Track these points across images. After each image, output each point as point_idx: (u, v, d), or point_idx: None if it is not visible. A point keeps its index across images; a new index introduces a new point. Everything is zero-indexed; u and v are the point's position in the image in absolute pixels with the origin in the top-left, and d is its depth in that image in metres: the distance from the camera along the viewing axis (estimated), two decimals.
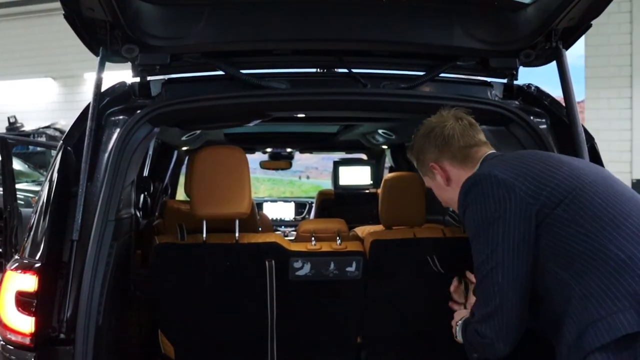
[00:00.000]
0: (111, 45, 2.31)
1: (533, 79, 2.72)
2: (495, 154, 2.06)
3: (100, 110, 2.30)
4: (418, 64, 2.61)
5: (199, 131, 3.73)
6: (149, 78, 2.46)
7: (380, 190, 3.22)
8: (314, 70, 2.61)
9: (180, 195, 5.23)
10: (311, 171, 16.66)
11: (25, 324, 2.05)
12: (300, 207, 6.31)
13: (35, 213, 2.26)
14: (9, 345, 2.08)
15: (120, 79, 2.49)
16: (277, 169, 6.62)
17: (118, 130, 2.29)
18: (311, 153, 7.05)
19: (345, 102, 2.58)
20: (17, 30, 11.98)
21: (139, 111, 2.33)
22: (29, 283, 2.06)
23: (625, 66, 8.92)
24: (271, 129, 4.95)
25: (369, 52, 2.60)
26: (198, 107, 2.45)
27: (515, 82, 2.62)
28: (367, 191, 5.15)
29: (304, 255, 2.80)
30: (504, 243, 1.78)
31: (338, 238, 2.88)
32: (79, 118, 2.34)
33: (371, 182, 5.11)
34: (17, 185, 4.45)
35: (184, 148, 4.58)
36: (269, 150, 5.93)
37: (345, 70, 2.54)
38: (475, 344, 1.88)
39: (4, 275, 2.16)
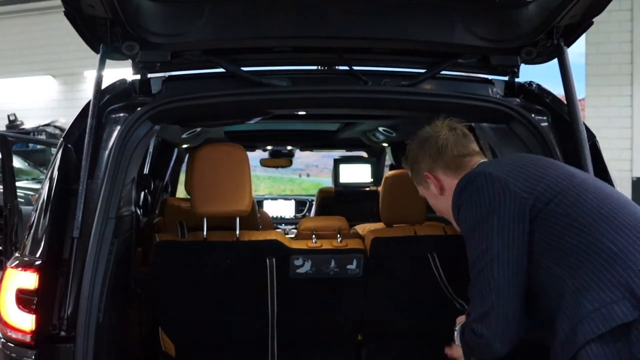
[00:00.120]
0: (111, 43, 2.30)
1: (534, 77, 2.71)
2: (489, 161, 2.09)
3: (101, 107, 2.30)
4: (419, 61, 2.61)
5: (199, 129, 3.73)
6: (149, 75, 2.46)
7: (380, 188, 3.21)
8: (314, 67, 2.60)
9: (180, 193, 5.22)
10: (311, 169, 16.66)
11: (25, 322, 2.05)
12: (300, 205, 6.30)
13: (36, 211, 2.25)
14: (9, 343, 2.08)
15: (120, 76, 2.49)
16: (278, 167, 6.60)
17: (118, 127, 2.29)
18: (311, 151, 7.03)
19: (346, 100, 2.58)
20: (17, 28, 11.99)
21: (139, 109, 2.33)
22: (30, 281, 2.06)
23: (625, 64, 8.92)
24: (272, 127, 4.94)
25: (369, 50, 2.60)
26: (198, 105, 2.44)
27: (517, 80, 2.61)
28: (368, 189, 5.14)
29: (305, 253, 2.80)
30: (499, 238, 1.78)
31: (339, 236, 2.88)
32: (79, 115, 2.34)
33: (372, 180, 5.10)
34: (17, 183, 4.44)
35: (185, 146, 4.57)
36: (269, 148, 5.93)
37: (346, 67, 2.54)
38: (472, 345, 1.87)
39: (4, 272, 2.16)
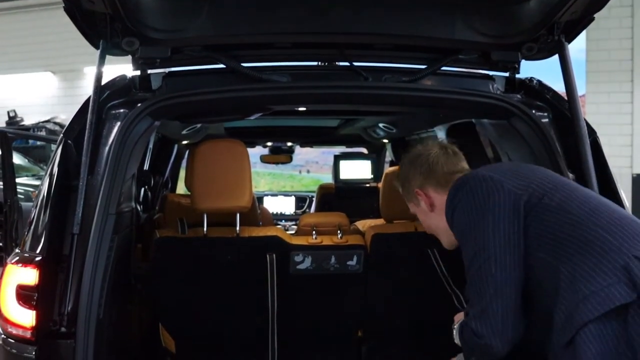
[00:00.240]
0: (111, 38, 2.29)
1: (535, 73, 2.71)
2: (480, 168, 2.12)
3: (101, 103, 2.29)
4: (420, 57, 2.60)
5: (199, 125, 3.72)
6: (149, 71, 2.45)
7: (381, 184, 3.21)
8: (315, 63, 2.59)
9: (180, 190, 5.22)
10: (311, 165, 16.63)
11: (26, 318, 2.04)
12: (300, 201, 6.30)
13: (36, 207, 2.25)
14: (10, 339, 2.08)
15: (120, 72, 2.48)
16: (278, 163, 6.61)
17: (118, 123, 2.28)
18: (312, 147, 7.03)
19: (347, 96, 2.57)
20: (17, 24, 11.97)
21: (139, 104, 2.32)
22: (30, 277, 2.06)
23: (626, 60, 8.91)
24: (272, 123, 4.94)
25: (370, 45, 2.59)
26: (199, 101, 2.44)
27: (517, 76, 2.60)
28: (368, 185, 5.14)
29: (305, 249, 2.80)
30: (494, 235, 1.80)
31: (339, 232, 2.88)
32: (79, 111, 2.33)
33: (372, 176, 5.10)
34: (17, 180, 4.44)
35: (185, 142, 4.57)
36: (269, 144, 5.93)
37: (346, 63, 2.53)
38: (472, 345, 1.87)
39: (4, 268, 2.16)
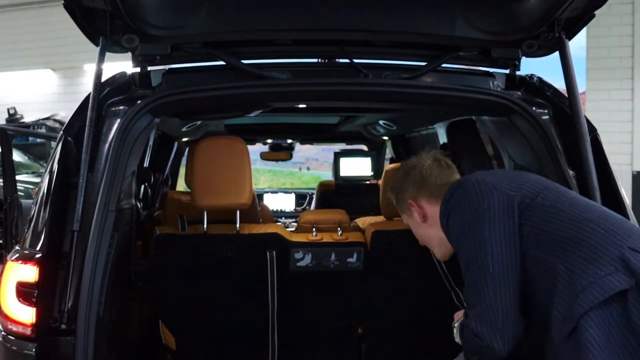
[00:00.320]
0: (111, 35, 2.29)
1: (535, 70, 2.70)
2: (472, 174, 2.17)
3: (101, 100, 2.29)
4: (420, 54, 2.60)
5: (199, 122, 3.72)
6: (149, 68, 2.45)
7: (381, 182, 3.21)
8: (315, 60, 2.59)
9: (180, 187, 5.22)
10: (311, 162, 16.64)
11: (26, 315, 2.05)
12: (300, 199, 6.30)
13: (36, 204, 2.25)
14: (10, 336, 2.08)
15: (120, 69, 2.48)
16: (278, 160, 6.61)
17: (118, 120, 2.28)
18: (312, 144, 7.04)
19: (347, 93, 2.57)
20: (17, 22, 11.96)
21: (139, 101, 2.32)
22: (30, 274, 2.06)
23: (626, 57, 8.90)
24: (272, 120, 4.94)
25: (370, 42, 2.59)
26: (199, 98, 2.44)
27: (518, 73, 2.60)
28: (368, 182, 5.14)
29: (305, 246, 2.80)
30: (491, 235, 1.82)
31: (339, 229, 2.88)
32: (79, 108, 2.33)
33: (372, 173, 5.11)
34: (17, 177, 4.44)
35: (185, 139, 4.57)
36: (269, 141, 5.93)
37: (346, 60, 2.53)
38: (473, 346, 1.87)
39: (4, 266, 2.16)
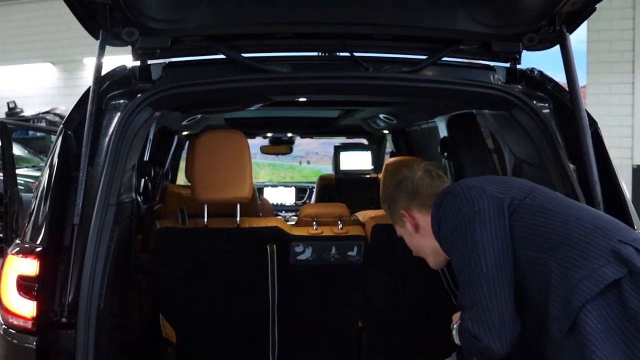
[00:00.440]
0: (111, 29, 2.29)
1: (536, 64, 2.70)
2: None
3: (101, 94, 2.29)
4: (420, 47, 2.59)
5: (199, 115, 3.72)
6: (149, 62, 2.44)
7: (381, 175, 3.21)
8: (315, 53, 2.58)
9: (180, 180, 5.22)
10: (311, 156, 16.60)
11: (26, 308, 2.05)
12: (300, 192, 6.31)
13: (36, 198, 2.25)
14: (10, 329, 2.08)
15: (120, 63, 2.47)
16: (278, 154, 6.61)
17: (119, 114, 2.28)
18: (312, 138, 7.03)
19: (347, 86, 2.57)
20: (17, 15, 11.95)
21: (139, 95, 2.31)
22: (30, 267, 2.06)
23: (627, 51, 8.89)
24: (272, 114, 4.93)
25: (371, 36, 2.58)
26: (199, 91, 2.43)
27: (519, 67, 2.60)
28: (368, 176, 5.14)
29: (306, 240, 2.80)
30: (483, 237, 1.84)
31: (339, 222, 2.88)
32: (79, 102, 2.33)
33: (372, 167, 5.11)
34: (17, 171, 4.44)
35: (185, 133, 4.57)
36: (269, 135, 5.92)
37: (347, 53, 2.52)
38: (471, 348, 1.87)
39: (5, 259, 2.16)
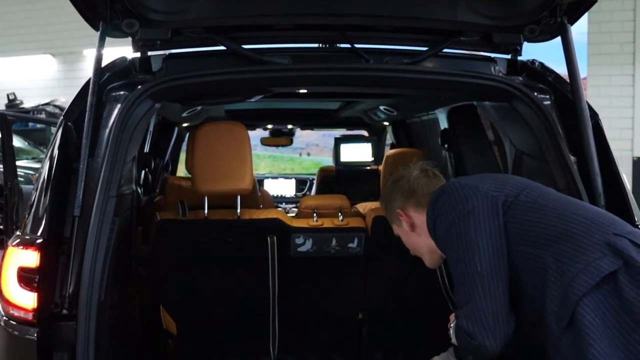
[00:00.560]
0: (111, 20, 2.28)
1: (537, 55, 2.69)
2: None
3: (101, 85, 2.28)
4: (421, 39, 2.58)
5: (199, 107, 3.71)
6: (149, 53, 2.43)
7: (381, 167, 3.21)
8: (316, 45, 2.58)
9: (181, 172, 5.22)
10: (312, 148, 16.61)
11: (27, 300, 2.05)
12: (301, 184, 6.31)
13: (36, 190, 2.25)
14: (11, 321, 2.08)
15: (120, 55, 2.47)
16: (278, 146, 6.62)
17: (119, 105, 2.27)
18: (312, 130, 7.03)
19: (348, 78, 2.56)
20: (17, 7, 11.92)
21: (139, 87, 2.31)
22: (31, 259, 2.06)
23: (628, 43, 8.86)
24: (272, 106, 4.93)
25: (371, 27, 2.57)
26: (199, 83, 2.43)
27: (519, 58, 2.59)
28: (369, 168, 5.14)
29: (306, 231, 2.80)
30: (477, 234, 1.85)
31: (340, 214, 2.88)
32: (79, 94, 2.32)
33: (372, 159, 5.11)
34: (17, 162, 4.43)
35: (185, 124, 4.56)
36: (270, 126, 5.92)
37: (347, 45, 2.51)
38: (466, 346, 1.88)
39: (5, 251, 2.16)
